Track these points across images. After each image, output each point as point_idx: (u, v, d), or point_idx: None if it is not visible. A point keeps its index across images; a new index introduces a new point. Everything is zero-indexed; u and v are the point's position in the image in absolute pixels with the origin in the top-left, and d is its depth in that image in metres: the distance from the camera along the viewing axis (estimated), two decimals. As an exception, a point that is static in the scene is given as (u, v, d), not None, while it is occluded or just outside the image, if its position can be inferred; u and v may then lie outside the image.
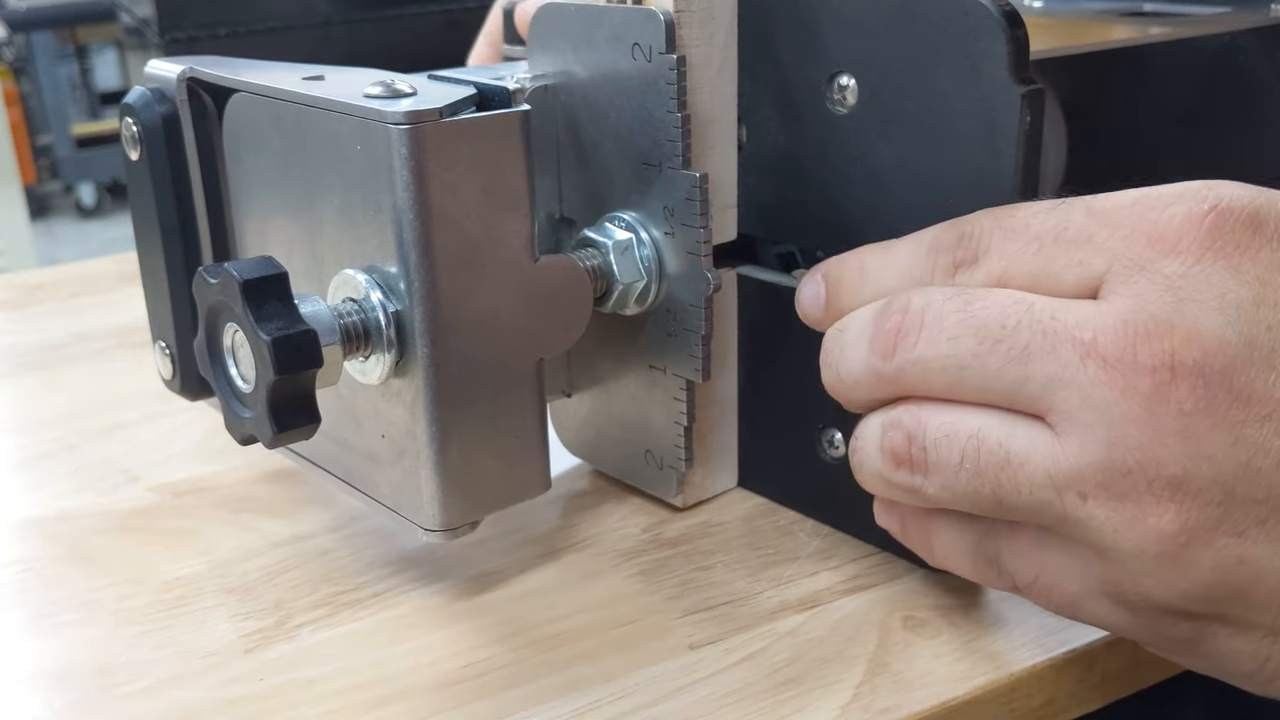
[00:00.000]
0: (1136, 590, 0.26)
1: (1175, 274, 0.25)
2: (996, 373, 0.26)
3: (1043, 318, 0.26)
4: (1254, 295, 0.24)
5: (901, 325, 0.28)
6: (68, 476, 0.44)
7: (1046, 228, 0.27)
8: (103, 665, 0.33)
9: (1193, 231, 0.25)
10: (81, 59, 3.75)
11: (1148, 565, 0.25)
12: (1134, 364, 0.24)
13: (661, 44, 0.33)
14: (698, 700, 0.30)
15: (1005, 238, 0.28)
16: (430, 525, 0.33)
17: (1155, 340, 0.24)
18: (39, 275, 0.67)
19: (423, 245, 0.30)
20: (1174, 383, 0.24)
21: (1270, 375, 0.24)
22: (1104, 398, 0.25)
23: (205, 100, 0.37)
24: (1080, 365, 0.25)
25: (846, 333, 0.30)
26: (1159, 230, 0.25)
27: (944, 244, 0.29)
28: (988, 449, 0.27)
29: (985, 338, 0.26)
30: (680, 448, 0.37)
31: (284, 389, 0.29)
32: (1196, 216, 0.25)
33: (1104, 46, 0.41)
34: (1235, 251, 0.25)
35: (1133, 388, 0.24)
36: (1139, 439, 0.24)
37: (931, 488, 0.28)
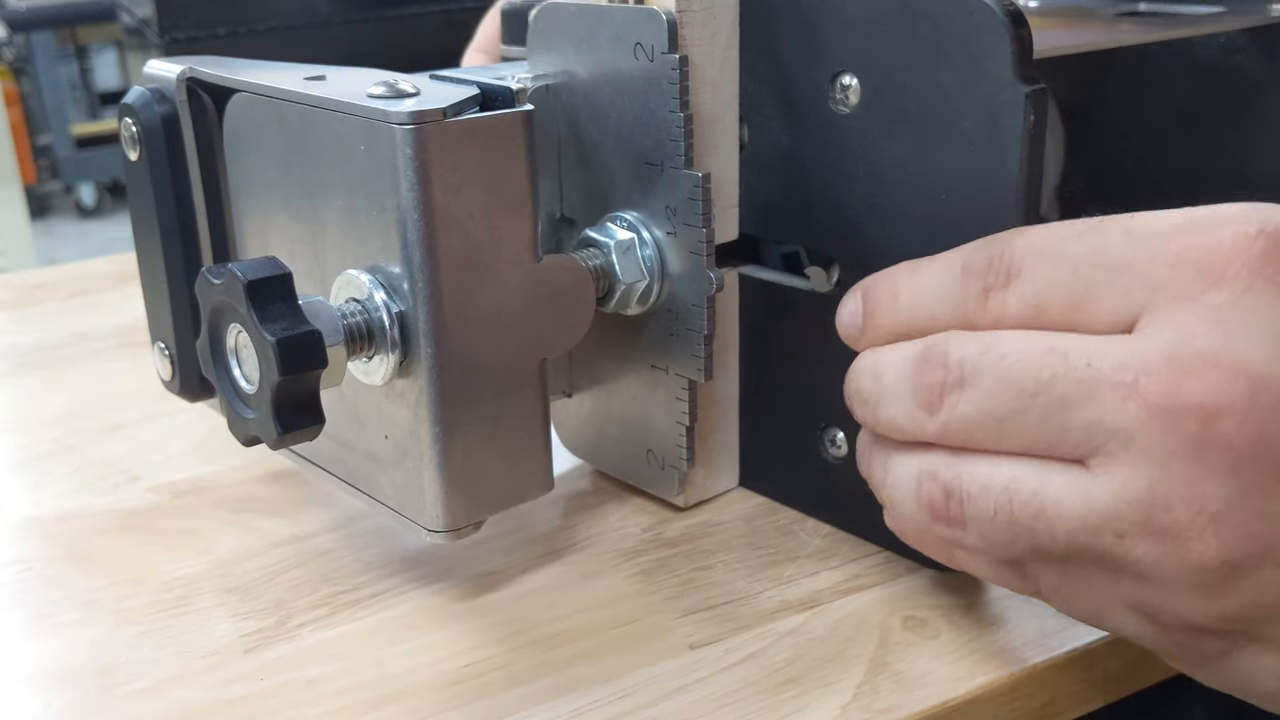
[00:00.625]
0: (1170, 612, 0.25)
1: (1223, 304, 0.24)
2: (1037, 426, 0.26)
3: (1078, 366, 0.25)
4: None
5: (945, 381, 0.27)
6: (68, 476, 0.44)
7: (1082, 251, 0.26)
8: (103, 665, 0.33)
9: (1242, 258, 0.24)
10: (81, 59, 3.75)
11: (1185, 592, 0.25)
12: (1180, 404, 0.24)
13: (664, 44, 0.33)
14: (698, 700, 0.30)
15: (1039, 261, 0.27)
16: (433, 526, 0.33)
17: (1202, 377, 0.23)
18: (39, 275, 0.67)
19: (426, 245, 0.30)
20: (1220, 418, 0.23)
21: None
22: (1148, 439, 0.24)
23: (205, 100, 0.37)
24: (1121, 408, 0.24)
25: (883, 377, 0.29)
26: (1207, 258, 0.24)
27: (975, 267, 0.28)
28: (1021, 500, 0.26)
29: (1021, 392, 0.26)
30: (682, 447, 0.37)
31: (288, 390, 0.29)
32: (1245, 240, 0.24)
33: (1100, 46, 0.41)
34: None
35: (1179, 428, 0.24)
36: (1184, 476, 0.24)
37: (969, 539, 0.28)
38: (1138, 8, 0.48)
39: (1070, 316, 0.26)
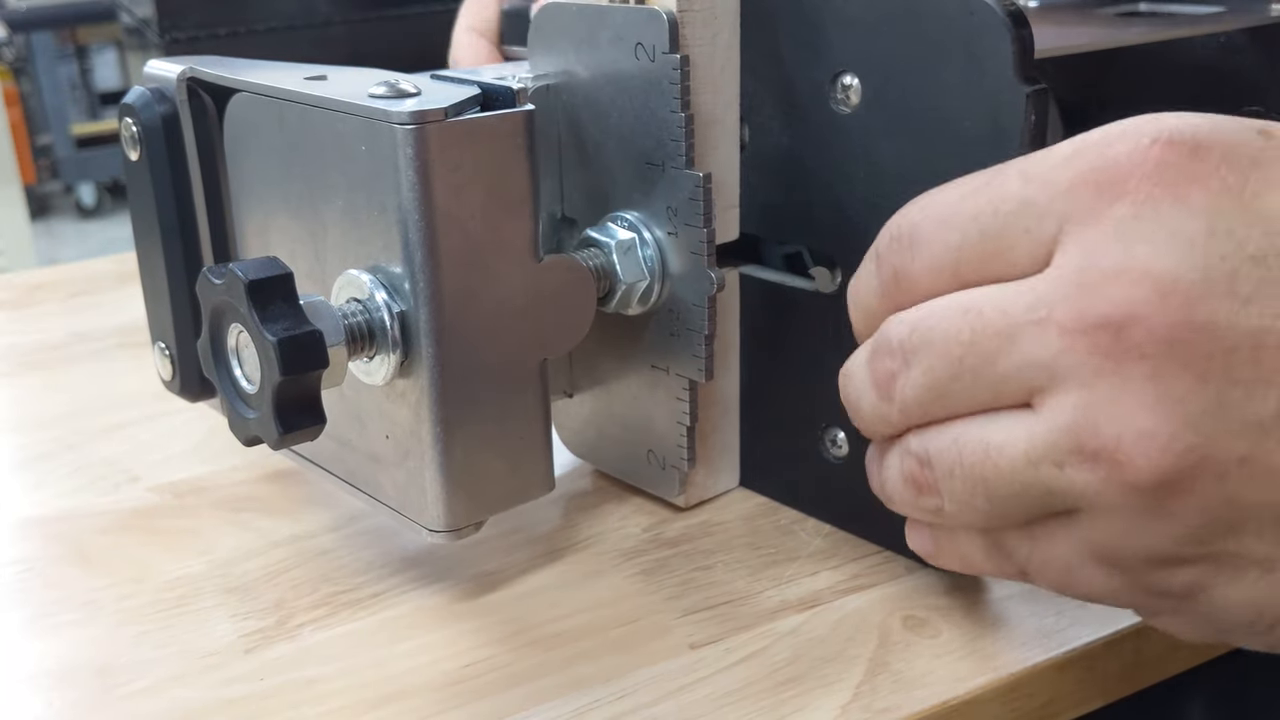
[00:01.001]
0: (1129, 550, 0.25)
1: (1124, 218, 0.24)
2: (973, 386, 0.26)
3: (993, 319, 0.25)
4: (1205, 226, 0.23)
5: (892, 368, 0.28)
6: (68, 476, 0.44)
7: (981, 205, 0.26)
8: (103, 665, 0.33)
9: (1138, 170, 0.24)
10: (81, 59, 3.75)
11: (1132, 520, 0.24)
12: (1091, 322, 0.24)
13: (665, 44, 0.33)
14: (698, 700, 0.30)
15: (938, 227, 0.27)
16: (435, 526, 0.33)
17: (1110, 291, 0.24)
18: (39, 275, 0.67)
19: (427, 245, 0.30)
20: (1133, 326, 0.23)
21: (1232, 304, 0.23)
22: (1070, 364, 0.24)
23: (205, 100, 0.37)
24: (1041, 343, 0.24)
25: (851, 381, 0.30)
26: (1104, 177, 0.24)
27: (881, 250, 0.28)
28: (969, 449, 0.26)
29: (950, 358, 0.26)
30: (683, 447, 0.37)
31: (290, 390, 0.29)
32: (1140, 153, 0.24)
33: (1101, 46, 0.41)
34: (1182, 181, 0.24)
35: (1094, 346, 0.24)
36: (1109, 393, 0.24)
37: (948, 505, 0.28)
38: (1138, 8, 0.48)
39: (987, 270, 0.26)
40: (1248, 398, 0.23)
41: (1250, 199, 0.23)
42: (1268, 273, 0.23)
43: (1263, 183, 0.23)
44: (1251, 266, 0.23)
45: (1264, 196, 0.23)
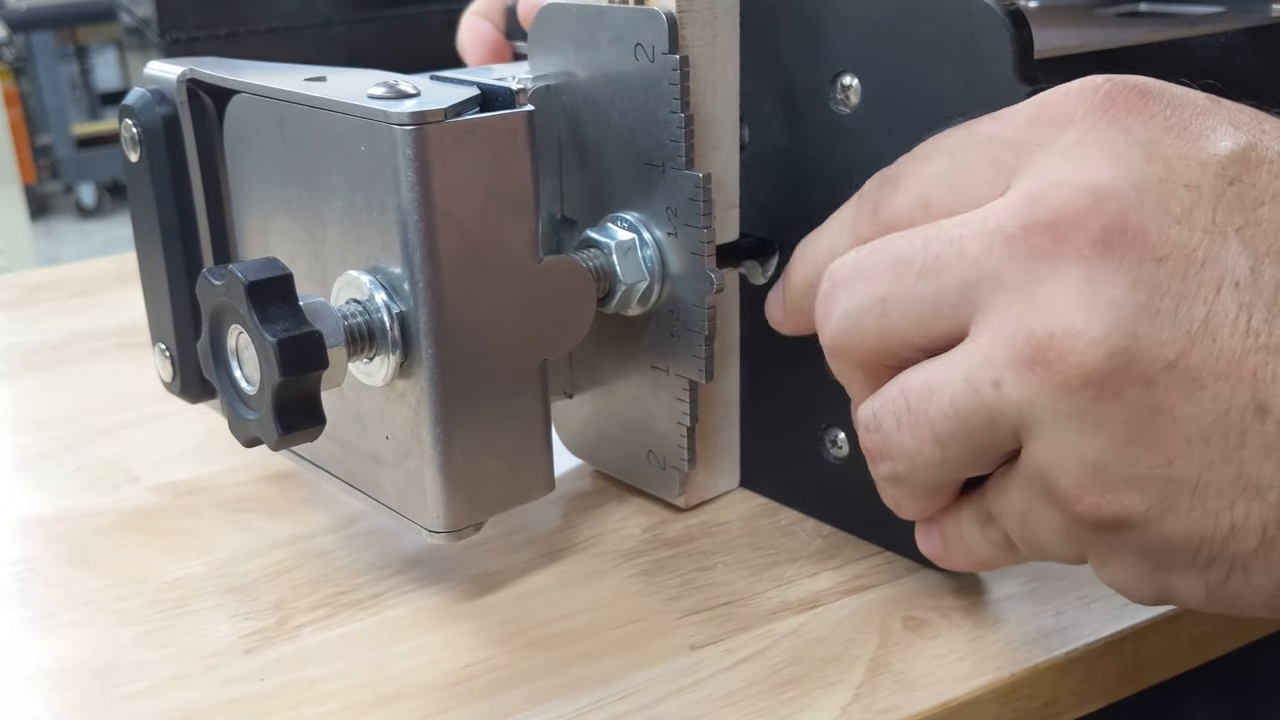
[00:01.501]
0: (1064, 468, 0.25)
1: (1071, 142, 0.25)
2: (915, 292, 0.27)
3: (949, 229, 0.26)
4: (1144, 153, 0.25)
5: (826, 290, 0.29)
6: (68, 476, 0.44)
7: (955, 141, 0.28)
8: (103, 665, 0.33)
9: (1087, 102, 0.26)
10: (81, 59, 3.75)
11: (1065, 434, 0.24)
12: (1033, 223, 0.25)
13: (664, 44, 0.33)
14: (698, 700, 0.30)
15: (917, 162, 0.28)
16: (434, 527, 0.33)
17: (1050, 199, 0.25)
18: (39, 275, 0.67)
19: (427, 246, 0.30)
20: (1071, 230, 0.24)
21: (1164, 219, 0.24)
22: (1013, 270, 0.25)
23: (205, 101, 0.37)
24: (988, 252, 0.25)
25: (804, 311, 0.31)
26: (1056, 110, 0.26)
27: (866, 192, 0.30)
28: (912, 390, 0.27)
29: (898, 263, 0.27)
30: (683, 448, 0.37)
31: (289, 390, 0.29)
32: (1090, 89, 0.26)
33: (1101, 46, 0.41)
34: (1126, 115, 0.25)
35: (1036, 249, 0.24)
36: (1046, 295, 0.24)
37: (891, 467, 0.28)
38: (1138, 8, 0.48)
39: (953, 201, 0.27)
40: (1176, 308, 0.23)
41: (1190, 138, 0.25)
42: (1200, 198, 0.24)
43: (1204, 127, 0.25)
44: (1185, 192, 0.24)
45: (1204, 138, 0.25)
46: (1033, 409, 0.25)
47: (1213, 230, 0.24)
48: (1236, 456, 0.23)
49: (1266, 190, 0.24)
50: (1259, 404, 0.23)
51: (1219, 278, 0.23)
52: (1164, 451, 0.24)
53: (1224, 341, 0.23)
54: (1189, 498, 0.24)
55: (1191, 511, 0.24)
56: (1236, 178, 0.24)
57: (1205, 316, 0.23)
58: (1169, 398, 0.23)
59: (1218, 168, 0.24)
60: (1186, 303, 0.23)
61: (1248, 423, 0.23)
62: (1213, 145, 0.25)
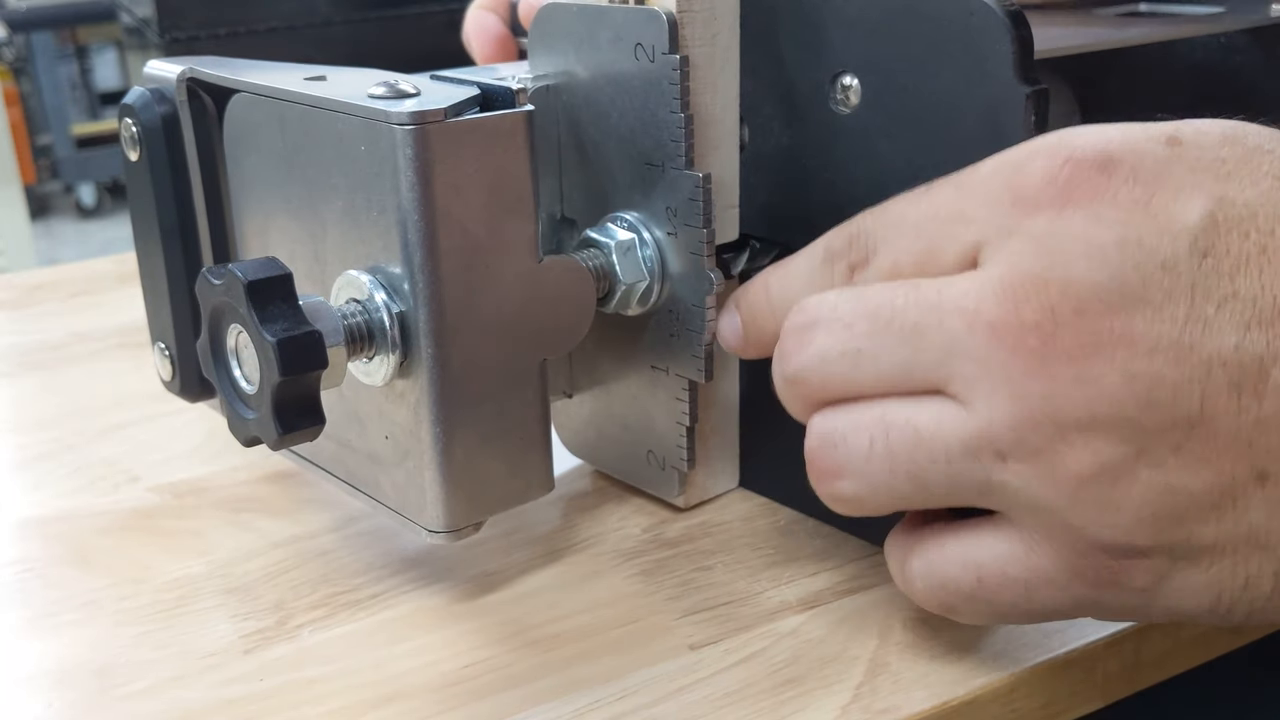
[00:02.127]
0: (1081, 540, 0.26)
1: (1041, 232, 0.26)
2: (891, 351, 0.27)
3: (928, 294, 0.27)
4: (1117, 237, 0.25)
5: (797, 323, 0.29)
6: (68, 476, 0.44)
7: (922, 214, 0.28)
8: (103, 665, 0.33)
9: (1051, 188, 0.26)
10: (81, 59, 3.75)
11: (1081, 511, 0.25)
12: (1018, 323, 0.25)
13: (664, 44, 0.33)
14: (698, 700, 0.30)
15: (890, 233, 0.29)
16: (434, 527, 0.33)
17: (1034, 297, 0.25)
18: (39, 275, 0.67)
19: (427, 246, 0.30)
20: (1059, 333, 0.25)
21: (1147, 311, 0.25)
22: (998, 359, 0.25)
23: (205, 101, 0.37)
24: (969, 333, 0.26)
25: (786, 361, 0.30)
26: (1020, 192, 0.26)
27: (837, 249, 0.30)
28: (896, 428, 0.27)
29: (877, 319, 0.27)
30: (682, 448, 0.37)
31: (289, 390, 0.29)
32: (1052, 172, 0.26)
33: (1101, 46, 0.41)
34: (1093, 199, 0.25)
35: (1022, 345, 0.25)
36: (1040, 391, 0.25)
37: (850, 486, 0.28)
38: (1138, 8, 0.48)
39: (924, 270, 0.28)
40: (1173, 397, 0.24)
41: (1157, 210, 0.25)
42: (1177, 281, 0.25)
43: (1168, 192, 0.25)
44: (1162, 274, 0.25)
45: (1170, 206, 0.25)
46: (1043, 488, 0.26)
47: (1193, 314, 0.24)
48: (1245, 519, 0.25)
49: (1239, 256, 0.25)
50: (1259, 472, 0.25)
51: (1207, 360, 0.24)
52: (1181, 523, 0.25)
53: (1220, 422, 0.24)
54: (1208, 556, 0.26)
55: (1210, 568, 0.26)
56: (1209, 248, 0.25)
57: (1200, 399, 0.24)
58: (1180, 478, 0.25)
59: (1189, 240, 0.25)
60: (1182, 390, 0.24)
61: (1251, 489, 0.25)
62: (1182, 215, 0.25)
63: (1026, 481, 0.26)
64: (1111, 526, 0.25)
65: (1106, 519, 0.25)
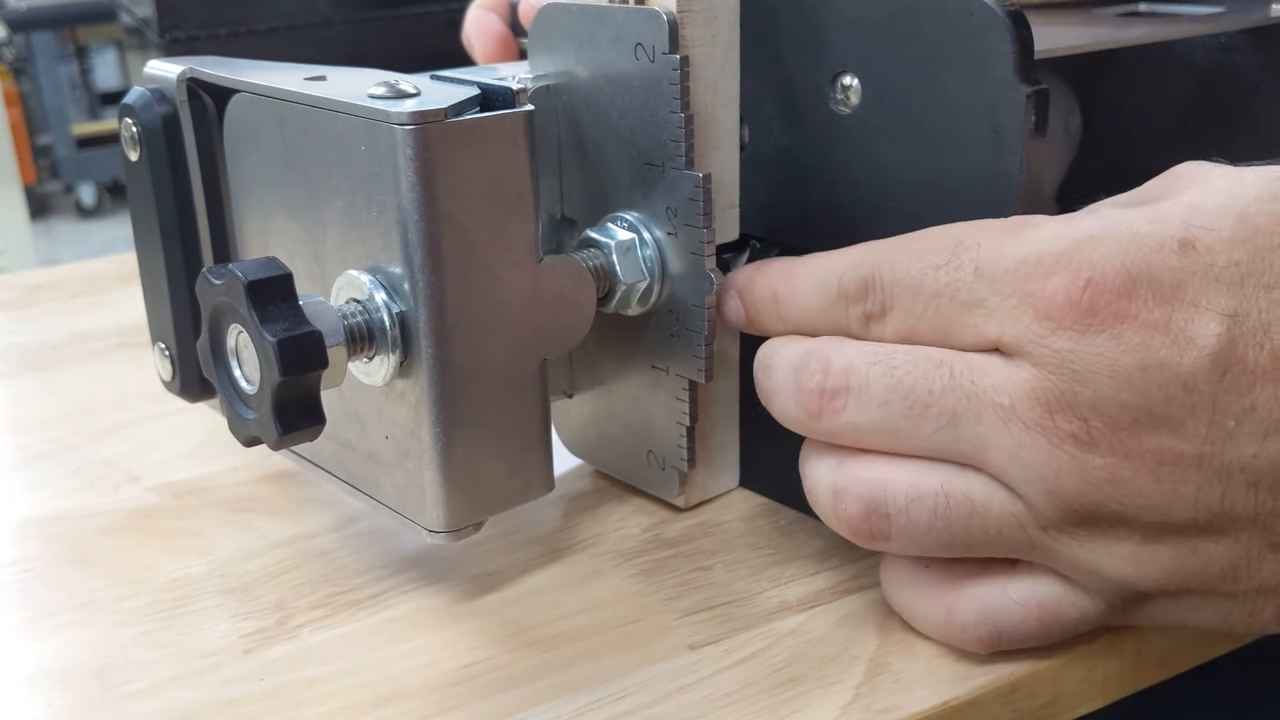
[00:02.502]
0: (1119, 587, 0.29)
1: (1065, 350, 0.27)
2: (930, 436, 0.29)
3: (964, 382, 0.28)
4: (1139, 360, 0.26)
5: (824, 386, 0.30)
6: (67, 476, 0.44)
7: (940, 288, 0.29)
8: (103, 665, 0.33)
9: (1073, 312, 0.27)
10: (81, 59, 3.75)
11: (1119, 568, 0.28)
12: (1054, 429, 0.27)
13: (664, 44, 0.33)
14: (698, 700, 0.30)
15: (906, 296, 0.30)
16: (434, 527, 0.33)
17: (1065, 410, 0.27)
18: (39, 275, 0.67)
19: (427, 246, 0.30)
20: (1093, 446, 0.27)
21: (1172, 426, 0.26)
22: (1034, 457, 0.27)
23: (205, 101, 0.37)
24: (1005, 429, 0.28)
25: (771, 374, 0.32)
26: (1043, 306, 0.27)
27: (850, 292, 0.30)
28: (956, 502, 0.29)
29: (914, 404, 0.29)
30: (682, 448, 0.37)
31: (289, 390, 0.29)
32: (1075, 293, 0.27)
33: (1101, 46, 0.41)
34: (1114, 323, 0.27)
35: (1058, 449, 0.27)
36: (1075, 489, 0.27)
37: (895, 546, 0.30)
38: (1138, 8, 0.48)
39: (941, 342, 0.29)
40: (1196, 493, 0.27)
41: (1176, 331, 0.26)
42: (1198, 400, 0.26)
43: (1185, 310, 0.26)
44: (1184, 395, 0.26)
45: (1188, 327, 0.26)
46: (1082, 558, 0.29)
47: (1214, 429, 0.26)
48: (1257, 575, 0.28)
49: (1255, 370, 0.26)
50: (1272, 543, 0.27)
51: (1228, 467, 0.27)
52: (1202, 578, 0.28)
53: (1240, 513, 0.27)
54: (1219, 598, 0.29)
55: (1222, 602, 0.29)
56: (1228, 366, 0.26)
57: (1221, 496, 0.27)
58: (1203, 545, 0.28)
59: (1209, 361, 0.26)
60: (1204, 489, 0.27)
61: (1265, 555, 0.28)
62: (1200, 335, 0.26)
63: (1068, 547, 0.29)
64: (1143, 579, 0.28)
65: (1138, 574, 0.28)
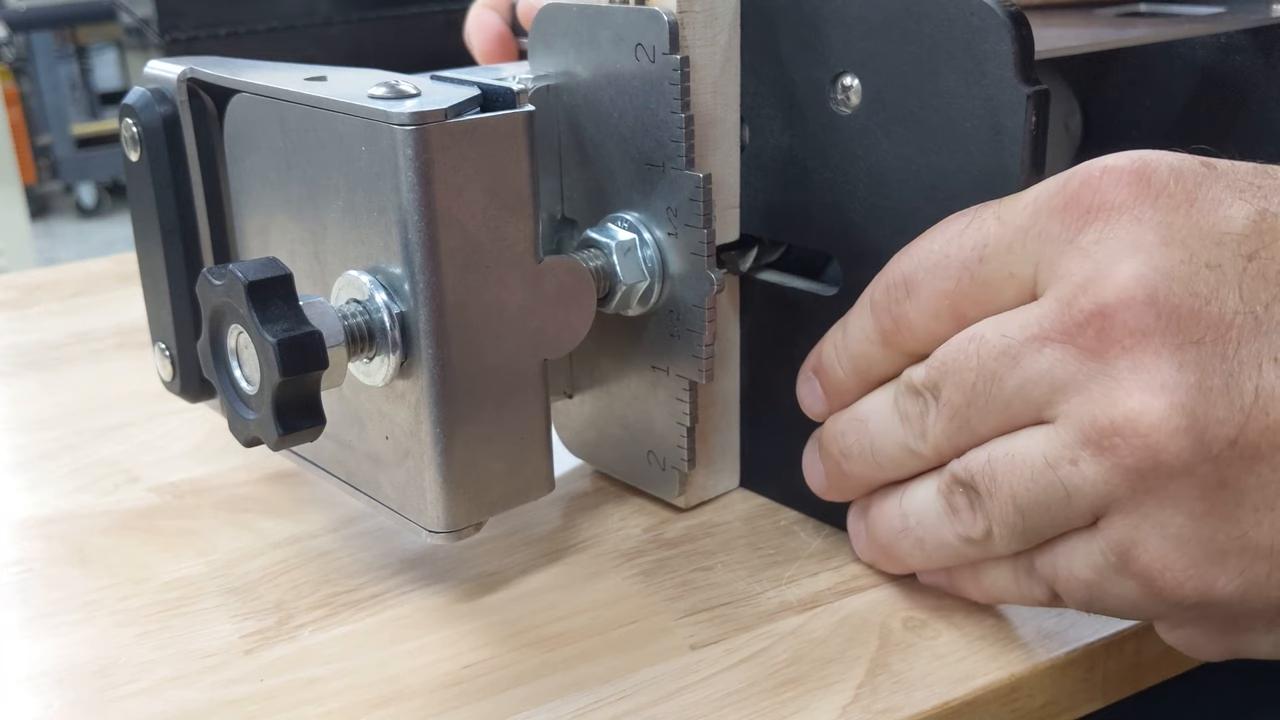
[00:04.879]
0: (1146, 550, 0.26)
1: (1089, 242, 0.27)
2: (987, 408, 0.28)
3: (995, 343, 0.28)
4: (1159, 238, 0.26)
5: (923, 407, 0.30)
6: (67, 476, 0.44)
7: (968, 253, 0.29)
8: (103, 665, 0.33)
9: (1094, 199, 0.27)
10: (81, 59, 3.75)
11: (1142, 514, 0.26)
12: (1073, 325, 0.26)
13: (665, 44, 0.33)
14: (698, 700, 0.30)
15: (932, 275, 0.29)
16: (434, 527, 0.33)
17: (1082, 297, 0.26)
18: (39, 275, 0.67)
19: (428, 246, 0.30)
20: (1109, 325, 0.26)
21: (1194, 302, 0.25)
22: (1065, 371, 0.27)
23: (206, 101, 0.37)
24: (1038, 357, 0.27)
25: (870, 423, 0.32)
26: (1063, 210, 0.27)
27: (879, 302, 0.31)
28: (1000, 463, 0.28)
29: (963, 384, 0.29)
30: (683, 448, 0.37)
31: (289, 391, 0.29)
32: (1092, 182, 0.27)
33: (1101, 46, 0.41)
34: (1134, 203, 0.26)
35: (1082, 349, 0.26)
36: (1101, 388, 0.26)
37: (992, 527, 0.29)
38: (1138, 8, 0.48)
39: (982, 306, 0.29)
40: (1226, 385, 0.25)
41: (1198, 215, 0.26)
42: (1223, 278, 0.25)
43: (1211, 200, 0.26)
44: (1208, 272, 0.25)
45: (1214, 212, 0.26)
46: (1109, 489, 0.26)
47: (1242, 310, 0.25)
48: None
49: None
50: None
51: (1258, 355, 0.25)
52: (1237, 523, 0.26)
53: (1275, 414, 0.25)
54: (1266, 563, 0.26)
55: (1270, 576, 0.26)
56: (1254, 253, 0.25)
57: (1255, 391, 0.25)
58: (1232, 471, 0.25)
59: (1234, 245, 0.26)
60: (1235, 380, 0.25)
61: None
62: (1224, 220, 0.26)
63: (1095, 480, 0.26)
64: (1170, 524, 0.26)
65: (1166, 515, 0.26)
